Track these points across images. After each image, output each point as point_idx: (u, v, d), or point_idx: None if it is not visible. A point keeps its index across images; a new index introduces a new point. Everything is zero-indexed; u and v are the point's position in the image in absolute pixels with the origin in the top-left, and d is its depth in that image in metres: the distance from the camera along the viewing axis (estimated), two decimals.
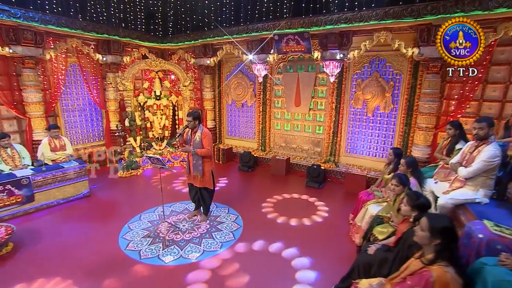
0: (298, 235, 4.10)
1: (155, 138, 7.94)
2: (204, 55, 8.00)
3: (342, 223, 4.52)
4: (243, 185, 6.24)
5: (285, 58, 7.29)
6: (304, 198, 5.46)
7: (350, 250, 3.79)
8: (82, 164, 5.36)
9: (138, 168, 6.96)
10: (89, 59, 7.09)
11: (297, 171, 7.09)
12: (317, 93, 6.98)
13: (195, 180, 4.28)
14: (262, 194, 5.52)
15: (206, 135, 4.14)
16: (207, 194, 4.35)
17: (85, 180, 5.36)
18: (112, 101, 7.40)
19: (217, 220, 4.42)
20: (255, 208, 4.83)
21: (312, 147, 7.32)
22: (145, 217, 4.66)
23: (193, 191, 4.44)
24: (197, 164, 4.16)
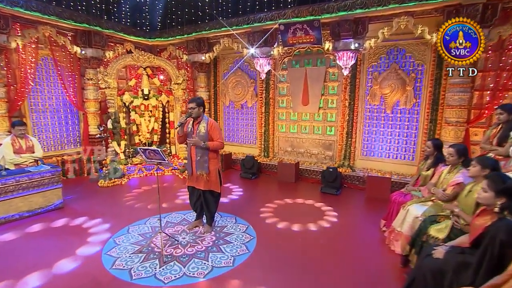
0: (322, 246, 3.69)
1: (141, 144, 7.48)
2: (198, 50, 7.73)
3: (371, 231, 4.14)
4: (249, 193, 5.91)
5: (291, 52, 7.08)
6: (318, 206, 5.11)
7: (390, 261, 3.37)
8: (55, 168, 4.81)
9: (122, 177, 6.45)
10: (65, 52, 6.70)
11: (307, 177, 6.78)
12: (328, 90, 6.77)
13: (199, 181, 3.85)
14: (272, 202, 5.24)
15: (214, 126, 3.79)
16: (213, 198, 3.94)
17: (58, 188, 4.79)
18: (91, 102, 7.01)
19: (223, 231, 4.05)
20: (267, 217, 4.55)
21: (322, 150, 7.04)
22: (134, 229, 4.16)
23: (195, 196, 4.03)
24: (202, 161, 3.76)
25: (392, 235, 3.62)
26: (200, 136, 3.72)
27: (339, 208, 5.07)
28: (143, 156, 3.57)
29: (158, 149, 3.37)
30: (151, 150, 3.43)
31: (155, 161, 3.52)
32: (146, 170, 6.95)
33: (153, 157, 3.48)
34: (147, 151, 3.46)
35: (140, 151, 3.54)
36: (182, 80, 7.54)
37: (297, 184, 6.46)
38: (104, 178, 6.21)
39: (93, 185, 6.11)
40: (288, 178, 6.63)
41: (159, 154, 3.39)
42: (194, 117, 3.77)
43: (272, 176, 7.06)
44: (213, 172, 3.84)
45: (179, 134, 3.79)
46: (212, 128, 3.76)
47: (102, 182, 6.13)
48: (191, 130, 3.81)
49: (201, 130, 3.74)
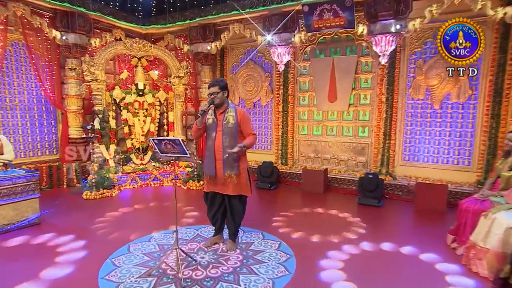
0: (377, 271, 3.37)
1: (135, 148, 7.15)
2: (203, 39, 7.55)
3: (436, 250, 3.82)
4: (271, 204, 5.72)
5: (314, 39, 6.90)
6: (355, 220, 4.83)
7: (477, 285, 3.01)
8: (31, 173, 4.48)
9: (112, 188, 6.14)
10: (41, 36, 6.44)
11: (337, 187, 6.53)
12: (359, 83, 6.59)
13: (226, 185, 3.58)
14: (302, 215, 5.09)
15: (245, 115, 3.59)
16: (240, 205, 3.69)
17: (34, 198, 4.46)
18: (73, 98, 6.76)
19: (250, 248, 3.80)
20: (299, 232, 4.34)
21: (353, 156, 6.80)
22: (136, 248, 3.80)
23: (216, 204, 3.75)
24: (230, 160, 3.51)
25: (472, 253, 3.27)
26: (229, 128, 3.47)
27: (385, 223, 4.79)
28: (156, 150, 3.25)
29: (178, 139, 3.02)
30: (168, 141, 3.10)
31: (173, 156, 3.18)
32: (141, 180, 6.69)
33: (170, 150, 3.15)
34: (163, 142, 3.13)
35: (152, 143, 3.22)
36: (184, 73, 7.28)
37: (326, 195, 6.26)
38: (90, 189, 5.86)
39: (76, 198, 5.85)
40: (315, 188, 6.38)
41: (180, 146, 3.05)
42: (217, 104, 3.52)
43: (294, 186, 6.89)
44: (243, 172, 3.60)
45: (197, 126, 3.52)
46: (244, 118, 3.54)
47: (87, 194, 5.80)
48: (213, 121, 3.56)
49: (229, 120, 3.49)
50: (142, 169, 6.87)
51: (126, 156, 7.05)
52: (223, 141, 3.48)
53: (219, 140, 3.50)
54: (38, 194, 4.50)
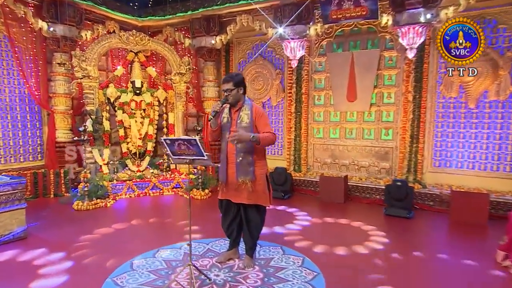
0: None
1: (131, 153, 7.06)
2: (206, 32, 7.48)
3: (486, 268, 3.67)
4: (286, 216, 5.56)
5: (331, 32, 6.83)
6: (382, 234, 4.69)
7: None
8: (18, 180, 4.35)
9: (107, 197, 6.03)
10: (26, 27, 6.36)
11: (358, 196, 6.43)
12: (383, 80, 6.52)
13: (240, 193, 3.47)
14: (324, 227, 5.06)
15: (261, 113, 3.50)
16: (258, 217, 3.57)
17: (20, 208, 4.30)
18: (61, 97, 6.67)
19: (271, 265, 3.67)
20: (324, 246, 4.25)
21: (375, 161, 6.70)
22: (140, 265, 3.67)
23: (231, 214, 3.66)
24: (245, 163, 3.41)
25: None
26: (243, 128, 3.38)
27: (419, 237, 4.66)
28: (168, 151, 3.13)
29: (195, 138, 2.92)
30: (183, 141, 2.99)
31: (187, 159, 3.07)
32: (138, 188, 6.58)
33: (185, 152, 3.04)
34: (176, 143, 3.02)
35: (164, 144, 3.11)
36: (186, 69, 7.21)
37: (347, 205, 6.18)
38: (82, 198, 5.74)
39: (65, 208, 5.75)
40: (334, 197, 6.27)
41: (196, 147, 2.95)
42: (232, 103, 3.45)
43: (309, 195, 6.81)
44: (260, 179, 3.48)
45: (212, 128, 3.47)
46: (259, 116, 3.45)
47: (78, 204, 5.66)
48: (228, 120, 3.49)
49: (243, 119, 3.42)
50: (139, 176, 6.75)
51: (121, 162, 6.94)
52: (236, 143, 3.39)
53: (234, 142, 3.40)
54: (24, 204, 4.34)
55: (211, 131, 3.51)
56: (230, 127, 3.44)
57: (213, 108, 3.36)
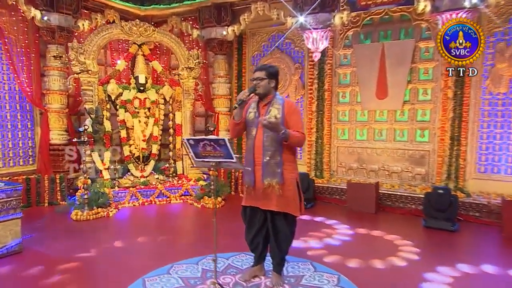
0: None
1: (133, 157, 7.01)
2: (217, 22, 7.44)
3: None
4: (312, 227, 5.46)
5: (358, 21, 6.69)
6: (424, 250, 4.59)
7: None
8: (13, 186, 4.25)
9: (108, 206, 5.96)
10: (17, 16, 6.31)
11: (390, 206, 6.31)
12: (418, 74, 6.42)
13: (267, 199, 3.35)
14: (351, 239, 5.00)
15: (294, 109, 3.43)
16: (287, 227, 3.44)
17: (15, 218, 4.20)
18: (55, 94, 6.65)
19: (302, 283, 3.57)
20: (358, 260, 4.18)
21: (409, 166, 6.57)
22: (154, 283, 3.55)
23: (256, 223, 3.53)
24: (272, 164, 3.30)
25: None
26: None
27: (467, 253, 4.51)
28: (191, 154, 3.03)
29: (223, 138, 2.84)
30: (209, 141, 2.90)
31: (212, 161, 2.99)
32: (143, 196, 6.52)
33: (211, 153, 2.95)
34: (201, 143, 2.93)
35: (186, 144, 3.03)
36: (195, 63, 7.17)
37: (379, 216, 6.08)
38: (81, 207, 5.66)
39: (62, 218, 5.69)
40: (364, 206, 6.15)
41: (225, 148, 2.85)
42: (261, 95, 3.37)
43: (335, 204, 6.72)
44: (290, 183, 3.37)
45: (235, 120, 3.38)
46: (291, 112, 3.37)
47: (78, 214, 5.56)
48: (255, 115, 3.40)
49: (273, 114, 3.32)
50: (144, 182, 6.70)
51: (123, 166, 6.90)
52: (264, 140, 3.30)
53: (259, 140, 3.32)
54: (20, 213, 4.23)
55: (234, 124, 3.41)
56: (258, 123, 3.33)
57: (239, 97, 3.28)
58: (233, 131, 3.53)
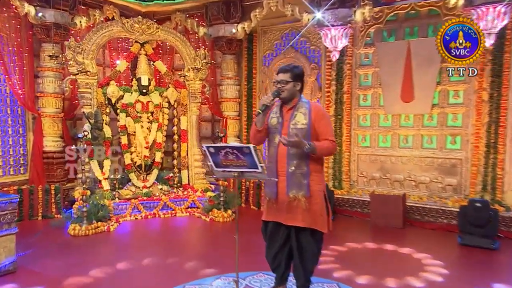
0: None
1: (135, 166, 6.97)
2: (226, 19, 7.46)
3: None
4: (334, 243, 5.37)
5: (380, 17, 6.57)
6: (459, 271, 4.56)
7: None
8: (7, 198, 4.19)
9: (108, 219, 5.91)
10: (9, 13, 6.33)
11: (419, 220, 6.22)
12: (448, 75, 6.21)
13: (292, 213, 3.30)
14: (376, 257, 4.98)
15: (321, 113, 3.39)
16: (313, 245, 3.37)
17: (10, 234, 4.15)
18: (50, 97, 6.67)
19: None
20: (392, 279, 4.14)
21: (439, 176, 6.45)
22: None
23: (278, 240, 3.46)
24: (298, 175, 3.25)
25: None
26: (297, 131, 3.24)
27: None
28: (210, 162, 2.97)
29: (248, 146, 2.78)
30: (231, 149, 2.85)
31: (235, 171, 2.93)
32: (146, 208, 6.48)
33: (233, 162, 2.90)
34: (222, 151, 2.89)
35: (206, 152, 2.98)
36: (202, 63, 7.18)
37: (407, 231, 5.99)
38: (79, 221, 5.59)
39: (58, 233, 5.66)
40: (390, 220, 6.05)
41: (249, 156, 2.80)
42: (285, 99, 3.32)
43: (356, 217, 6.68)
44: (318, 196, 3.31)
45: (257, 127, 3.33)
46: (320, 118, 3.31)
47: (75, 228, 5.51)
48: (278, 121, 3.36)
49: (299, 119, 3.29)
50: (146, 193, 6.67)
51: (123, 176, 6.88)
52: (289, 148, 3.23)
53: (283, 148, 3.25)
54: (15, 228, 4.18)
55: (255, 132, 3.36)
56: (281, 129, 3.29)
57: (262, 102, 3.23)
58: (255, 139, 3.46)
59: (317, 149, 3.11)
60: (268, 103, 3.20)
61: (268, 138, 3.42)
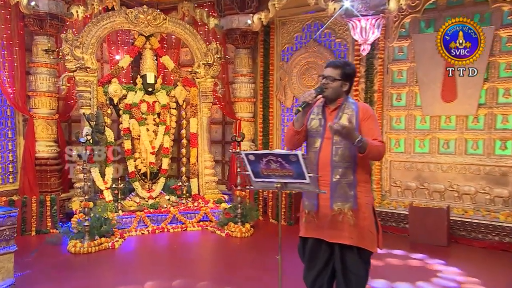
0: None
1: (139, 174, 6.95)
2: (240, 9, 7.48)
3: None
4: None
5: (418, 5, 6.58)
6: None
7: None
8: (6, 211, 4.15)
9: (112, 235, 5.87)
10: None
11: (464, 237, 6.14)
12: (497, 71, 6.31)
13: (336, 229, 3.20)
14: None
15: (369, 113, 3.30)
16: (361, 266, 3.25)
17: (8, 252, 4.12)
18: (44, 96, 6.68)
19: None
20: None
21: (486, 186, 6.38)
22: None
23: (319, 262, 3.33)
24: (343, 185, 3.17)
25: None
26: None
27: None
28: (249, 172, 2.87)
29: (296, 153, 2.70)
30: (276, 156, 2.77)
31: (277, 182, 2.83)
32: (153, 222, 6.47)
33: (276, 172, 2.82)
34: (265, 158, 2.81)
35: (245, 160, 2.87)
36: (214, 59, 7.18)
37: (452, 249, 5.92)
38: (80, 236, 5.56)
39: (56, 251, 5.65)
40: (432, 237, 5.97)
41: (296, 165, 2.72)
42: (329, 97, 3.23)
43: (391, 232, 6.58)
44: (366, 210, 3.22)
45: (295, 128, 3.24)
46: (367, 117, 3.23)
47: (76, 245, 5.46)
48: (320, 123, 3.27)
49: (343, 121, 3.18)
50: (153, 205, 6.63)
51: (126, 185, 6.87)
52: (332, 154, 3.15)
53: (326, 154, 3.17)
54: (14, 246, 4.15)
55: (293, 133, 3.27)
56: (324, 133, 3.20)
57: (304, 98, 3.13)
58: (291, 141, 3.37)
59: (368, 146, 3.01)
60: (310, 100, 3.11)
61: (307, 142, 3.35)
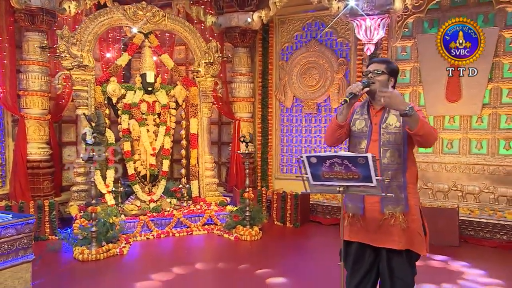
0: None
1: (139, 176, 6.85)
2: (240, 6, 7.47)
3: None
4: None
5: (421, 5, 6.58)
6: None
7: None
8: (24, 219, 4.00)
9: (118, 240, 5.77)
10: None
11: (473, 237, 6.16)
12: (501, 71, 6.35)
13: (385, 233, 3.17)
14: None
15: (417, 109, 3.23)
16: (409, 270, 3.21)
17: (26, 261, 3.98)
18: (35, 96, 6.60)
19: None
20: None
21: (490, 186, 6.46)
22: None
23: (364, 266, 3.29)
24: (394, 188, 3.12)
25: None
26: (391, 136, 3.14)
27: None
28: (308, 175, 2.82)
29: (365, 155, 2.65)
30: (341, 158, 2.69)
31: (339, 185, 2.77)
32: (157, 226, 6.41)
33: (339, 175, 2.75)
34: (328, 161, 2.73)
35: (305, 163, 2.79)
36: (215, 58, 7.15)
37: (462, 250, 5.90)
38: (86, 243, 5.44)
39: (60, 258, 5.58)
40: (444, 238, 5.93)
41: (364, 168, 2.65)
42: (374, 93, 3.19)
43: None
44: (415, 212, 3.18)
45: (338, 121, 3.18)
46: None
47: (84, 252, 5.34)
48: (366, 124, 3.23)
49: (391, 121, 3.16)
50: (155, 209, 6.55)
51: (126, 187, 6.83)
52: (381, 156, 3.11)
53: (374, 154, 3.07)
54: (32, 255, 4.02)
55: (336, 127, 3.19)
56: (371, 134, 3.16)
57: (351, 89, 3.06)
58: (332, 136, 3.28)
59: (420, 120, 2.93)
60: (357, 91, 3.04)
61: (351, 142, 3.30)
